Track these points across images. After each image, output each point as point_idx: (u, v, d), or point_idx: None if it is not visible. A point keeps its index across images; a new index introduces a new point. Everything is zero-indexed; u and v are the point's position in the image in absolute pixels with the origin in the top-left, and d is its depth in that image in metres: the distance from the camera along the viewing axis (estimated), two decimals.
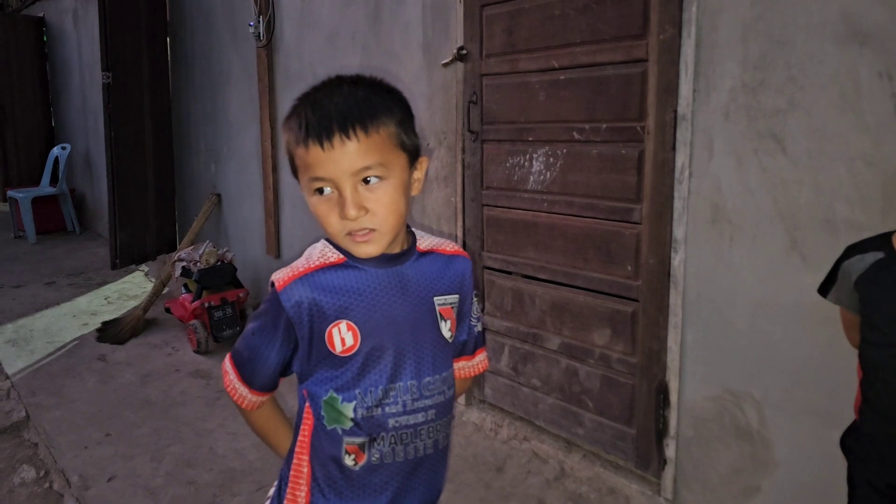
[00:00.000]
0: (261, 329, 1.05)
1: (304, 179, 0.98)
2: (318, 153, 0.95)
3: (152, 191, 4.86)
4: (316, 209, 0.99)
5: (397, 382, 1.05)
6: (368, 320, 1.02)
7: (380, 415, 1.04)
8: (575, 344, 2.44)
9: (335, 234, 0.99)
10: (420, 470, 1.10)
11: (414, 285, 1.07)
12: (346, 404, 1.03)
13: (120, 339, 4.06)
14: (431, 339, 1.09)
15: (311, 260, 1.04)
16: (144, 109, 4.73)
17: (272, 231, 4.01)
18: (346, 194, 0.96)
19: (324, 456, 1.06)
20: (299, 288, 1.01)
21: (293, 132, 0.98)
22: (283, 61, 3.76)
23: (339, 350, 1.02)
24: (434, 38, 2.79)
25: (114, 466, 2.71)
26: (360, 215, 0.96)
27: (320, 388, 1.04)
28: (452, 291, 1.12)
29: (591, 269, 2.35)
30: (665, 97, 2.05)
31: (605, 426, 2.37)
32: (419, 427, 1.07)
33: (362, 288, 1.03)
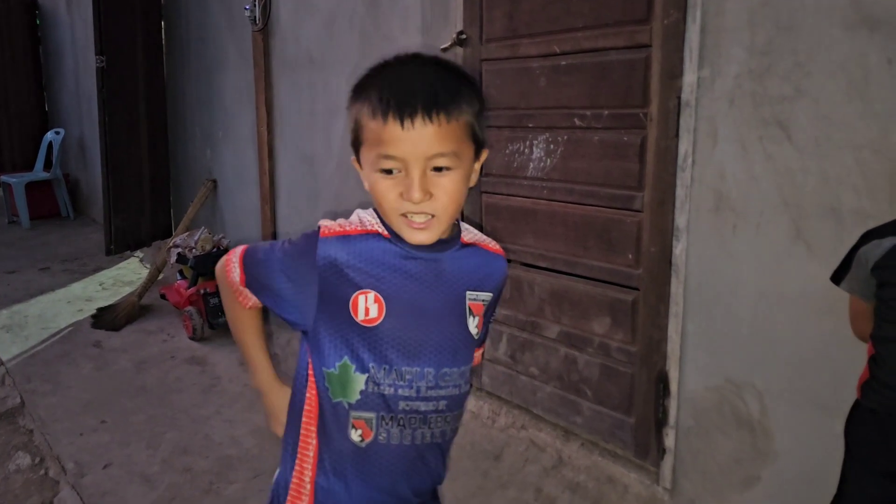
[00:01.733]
0: (284, 250, 1.04)
1: (371, 154, 0.96)
2: (395, 131, 0.92)
3: (147, 176, 4.81)
4: (375, 184, 0.97)
5: (414, 367, 1.03)
6: (397, 298, 1.01)
7: (391, 395, 1.03)
8: (574, 332, 2.42)
9: (389, 211, 0.97)
10: (424, 458, 1.09)
11: (449, 275, 1.06)
12: (359, 375, 1.01)
13: (115, 326, 4.03)
14: (457, 332, 1.08)
15: (363, 224, 1.02)
16: (139, 94, 4.68)
17: (268, 217, 3.98)
18: (415, 176, 0.94)
19: (330, 429, 1.05)
20: (338, 245, 0.99)
21: (370, 102, 0.95)
22: (280, 46, 3.72)
23: (362, 318, 1.00)
24: (433, 22, 2.75)
25: (109, 453, 2.70)
26: (424, 199, 0.95)
27: (333, 353, 1.02)
28: (487, 289, 1.12)
29: (592, 257, 2.33)
30: (669, 83, 2.02)
31: (604, 415, 2.36)
32: (429, 415, 1.06)
33: (399, 266, 1.01)
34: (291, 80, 3.67)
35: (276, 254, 1.04)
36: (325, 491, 1.06)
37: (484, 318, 1.13)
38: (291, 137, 3.75)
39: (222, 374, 3.40)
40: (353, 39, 3.16)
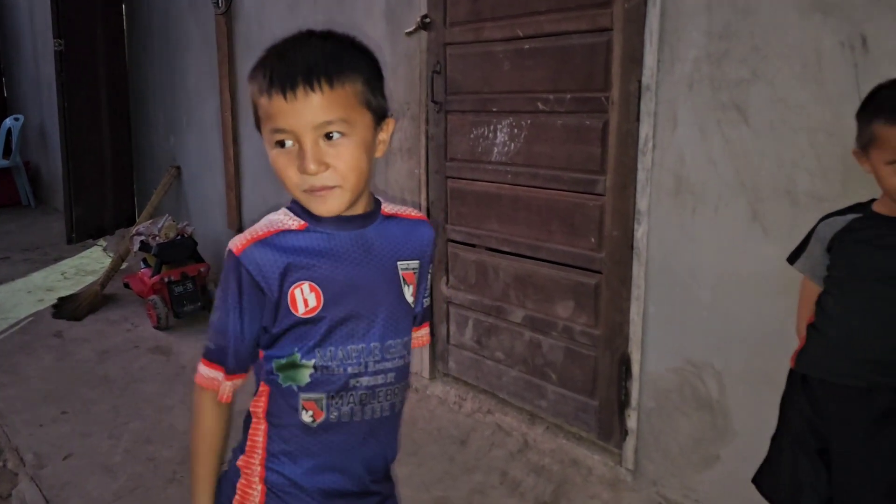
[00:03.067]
0: (224, 303, 1.01)
1: (266, 131, 0.96)
2: (281, 104, 0.92)
3: (109, 163, 4.72)
4: (276, 162, 0.97)
5: (360, 344, 1.04)
6: (332, 282, 1.01)
7: (340, 374, 1.03)
8: (538, 316, 2.43)
9: (293, 188, 0.97)
10: (376, 433, 1.09)
11: (378, 249, 1.07)
12: (307, 361, 1.02)
13: (77, 316, 3.96)
14: (395, 303, 1.08)
15: (271, 225, 1.02)
16: (99, 78, 4.58)
17: (234, 204, 3.93)
18: (307, 148, 0.94)
19: (280, 416, 1.04)
20: (259, 249, 0.98)
21: (258, 81, 0.95)
22: (243, 29, 3.66)
23: (302, 311, 1.00)
24: (397, 6, 2.73)
25: (70, 444, 2.65)
26: (319, 170, 0.94)
27: (281, 347, 1.02)
28: (414, 257, 1.12)
29: (555, 241, 2.34)
30: (630, 67, 2.03)
31: (568, 398, 2.38)
32: (378, 389, 1.07)
33: (325, 250, 1.01)
34: None
35: (220, 321, 1.01)
36: (276, 474, 1.05)
37: (418, 286, 1.14)
38: None
39: (187, 364, 3.35)
40: (316, 23, 3.11)
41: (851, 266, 1.42)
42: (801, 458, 1.50)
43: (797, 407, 1.53)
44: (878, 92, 1.38)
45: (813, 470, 1.48)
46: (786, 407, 1.60)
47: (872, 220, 1.40)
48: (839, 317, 1.44)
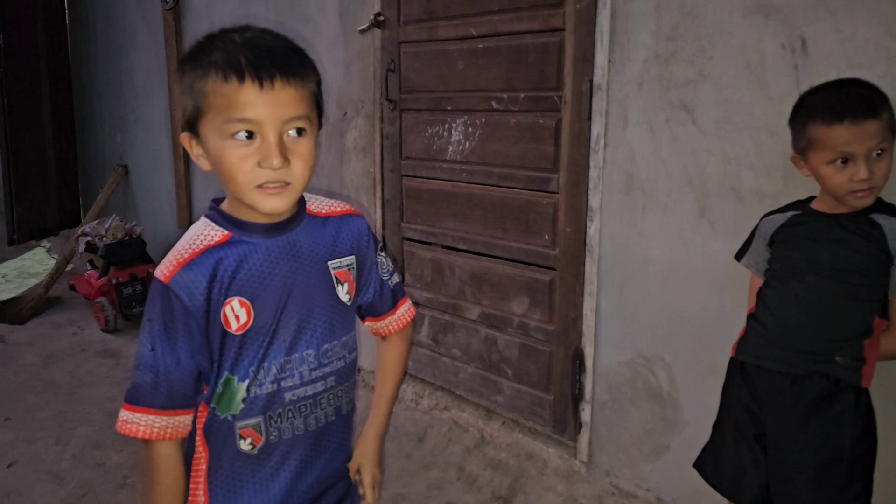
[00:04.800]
0: (157, 337, 0.95)
1: (219, 121, 0.90)
2: (253, 92, 0.88)
3: (52, 162, 4.58)
4: (225, 156, 0.91)
5: (293, 354, 1.01)
6: (261, 294, 0.98)
7: (275, 390, 1.00)
8: (494, 313, 2.45)
9: (244, 184, 0.91)
10: (324, 439, 1.07)
11: (306, 251, 1.03)
12: (241, 384, 0.98)
13: (20, 319, 3.84)
14: (328, 305, 1.05)
15: (194, 244, 0.97)
16: (41, 74, 4.43)
17: (184, 203, 3.86)
18: (273, 141, 0.90)
19: (219, 449, 1.02)
20: (187, 274, 0.94)
21: (216, 66, 0.88)
22: (192, 25, 3.59)
23: (235, 328, 0.97)
24: (350, 3, 2.72)
25: (14, 451, 2.57)
26: (282, 166, 0.90)
27: (218, 376, 0.99)
28: (348, 253, 1.09)
29: (510, 238, 2.36)
30: (581, 67, 2.07)
31: (524, 393, 2.41)
32: (318, 396, 1.04)
33: (252, 261, 0.98)
34: None
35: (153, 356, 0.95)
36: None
37: (359, 280, 1.11)
38: None
39: None
40: (268, 20, 3.08)
41: (789, 259, 1.49)
42: (741, 443, 1.56)
43: (736, 394, 1.59)
44: (805, 98, 1.46)
45: (751, 454, 1.55)
46: (726, 394, 1.66)
47: (811, 217, 1.48)
48: (776, 307, 1.50)
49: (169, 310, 0.94)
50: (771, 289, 1.53)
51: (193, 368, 0.98)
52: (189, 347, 0.96)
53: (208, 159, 0.95)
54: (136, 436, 0.96)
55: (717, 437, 1.67)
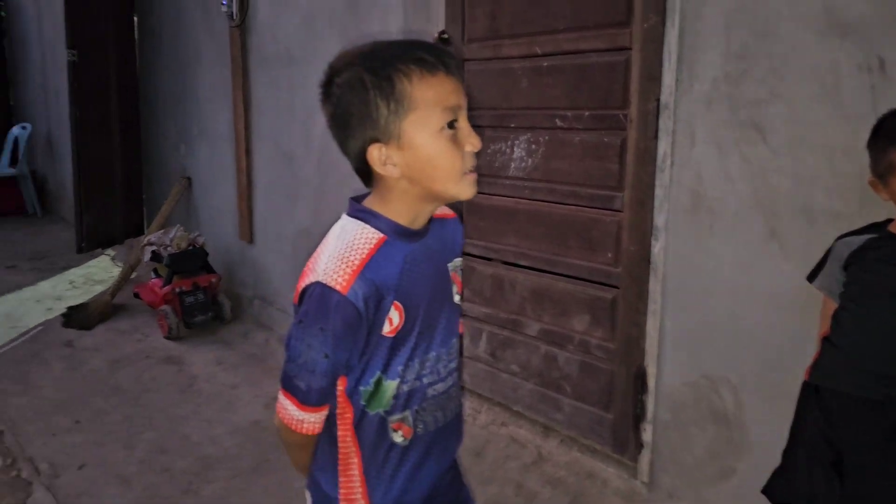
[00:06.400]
0: (331, 345, 0.98)
1: (434, 113, 0.96)
2: (454, 81, 0.97)
3: (119, 173, 4.75)
4: (440, 147, 0.97)
5: (431, 353, 1.07)
6: (409, 296, 1.02)
7: (419, 386, 1.06)
8: (554, 330, 2.45)
9: (455, 172, 0.98)
10: (451, 429, 1.16)
11: (435, 252, 1.09)
12: (390, 382, 1.04)
13: (87, 325, 3.97)
14: (450, 304, 1.12)
15: (357, 249, 0.99)
16: (111, 89, 4.61)
17: (245, 215, 3.96)
18: (468, 126, 0.98)
19: (372, 443, 1.07)
20: (360, 283, 0.96)
21: (414, 63, 0.94)
22: (258, 42, 3.70)
23: (387, 331, 1.01)
24: (414, 22, 2.77)
25: (84, 454, 2.66)
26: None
27: (368, 371, 1.03)
28: (457, 255, 1.16)
29: (572, 256, 2.36)
30: (648, 85, 2.07)
31: (583, 411, 2.40)
32: (450, 390, 1.12)
33: (403, 264, 1.02)
34: (269, 77, 3.65)
35: (326, 362, 0.99)
36: (380, 498, 1.08)
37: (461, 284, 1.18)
38: (269, 134, 3.73)
39: (199, 374, 3.37)
40: (332, 38, 3.16)
41: (866, 283, 1.46)
42: (816, 469, 1.53)
43: (811, 418, 1.56)
44: (885, 122, 1.43)
45: (827, 480, 1.51)
46: (799, 418, 1.63)
47: (888, 240, 1.45)
48: (853, 331, 1.48)
49: (344, 319, 0.96)
50: (846, 312, 1.50)
51: (345, 370, 1.03)
52: (352, 352, 1.01)
53: (407, 160, 0.98)
54: (305, 433, 1.05)
55: (789, 463, 1.63)
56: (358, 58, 0.99)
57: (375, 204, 1.04)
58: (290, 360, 1.02)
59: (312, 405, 1.03)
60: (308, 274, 1.01)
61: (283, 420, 1.06)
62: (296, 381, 1.01)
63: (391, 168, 0.99)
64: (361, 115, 0.97)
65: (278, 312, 3.84)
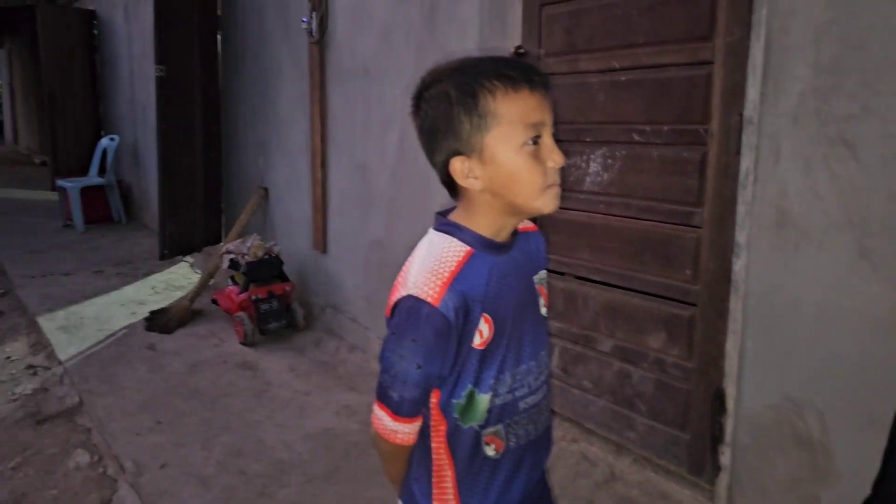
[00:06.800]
0: (423, 356, 1.00)
1: (516, 130, 0.98)
2: (538, 97, 0.99)
3: (201, 184, 4.93)
4: (521, 163, 0.99)
5: (521, 365, 1.08)
6: (499, 308, 1.04)
7: (511, 400, 1.07)
8: (628, 347, 2.42)
9: (537, 187, 1.00)
10: (542, 442, 1.16)
11: (522, 265, 1.11)
12: (483, 396, 1.05)
13: (168, 329, 4.14)
14: (537, 318, 1.13)
15: (446, 262, 1.02)
16: (195, 103, 4.80)
17: (320, 226, 4.05)
18: (552, 141, 1.00)
19: (466, 456, 1.08)
20: (451, 295, 0.99)
21: (499, 80, 0.97)
22: (335, 57, 3.79)
23: (477, 343, 1.03)
24: (491, 37, 2.79)
25: (165, 454, 2.76)
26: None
27: (460, 384, 1.05)
28: (541, 267, 1.17)
29: (648, 272, 2.33)
30: (730, 100, 2.03)
31: (658, 430, 2.35)
32: (541, 403, 1.13)
33: (490, 276, 1.04)
34: (346, 91, 3.73)
35: (419, 373, 1.01)
36: None
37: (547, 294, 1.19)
38: (344, 147, 3.81)
39: (273, 380, 3.46)
40: (409, 52, 3.21)
41: None
42: None
43: None
44: None
45: None
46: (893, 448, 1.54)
47: None
48: None
49: (435, 330, 0.99)
50: None
51: (437, 381, 1.05)
52: (443, 363, 1.02)
53: (489, 174, 1.01)
54: (399, 444, 1.08)
55: (880, 494, 1.56)
56: (446, 73, 1.02)
57: (461, 217, 1.07)
58: (383, 371, 1.05)
59: (405, 416, 1.05)
60: (399, 287, 1.04)
61: (378, 430, 1.09)
62: (389, 391, 1.04)
63: (473, 181, 1.01)
64: (446, 129, 1.00)
65: (349, 321, 3.91)
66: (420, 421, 1.08)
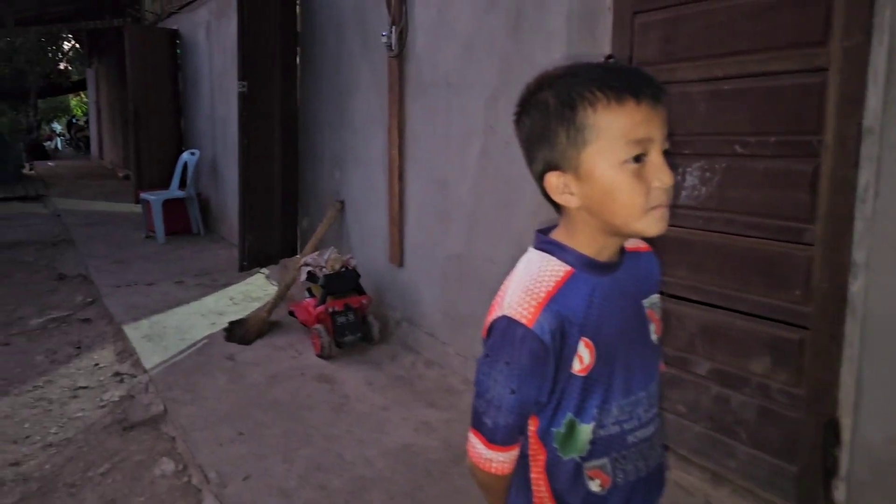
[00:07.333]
0: (517, 379, 0.95)
1: (612, 146, 0.90)
2: (646, 110, 0.90)
3: (278, 197, 5.00)
4: (621, 181, 0.91)
5: (630, 396, 1.00)
6: (600, 333, 0.97)
7: (618, 432, 1.00)
8: (728, 370, 2.29)
9: (638, 208, 0.92)
10: (654, 480, 1.08)
11: (629, 288, 1.03)
12: (585, 426, 0.98)
13: (246, 340, 4.18)
14: (648, 344, 1.05)
15: (543, 282, 0.97)
16: (274, 118, 4.88)
17: (396, 239, 4.03)
18: (662, 159, 0.92)
19: (567, 489, 1.01)
20: (546, 316, 0.94)
21: (605, 89, 0.90)
22: (415, 70, 3.78)
23: (577, 369, 0.96)
24: (579, 46, 2.72)
25: (248, 465, 2.76)
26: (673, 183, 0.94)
27: (559, 412, 0.99)
28: (653, 291, 1.09)
29: (752, 291, 2.20)
30: (848, 109, 1.89)
31: (761, 460, 2.21)
32: (652, 437, 1.04)
33: (595, 300, 0.97)
34: (425, 104, 3.71)
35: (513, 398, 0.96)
36: None
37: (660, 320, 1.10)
38: (423, 160, 3.79)
39: (350, 394, 3.44)
40: (492, 63, 3.16)
41: None
42: None
43: None
44: None
45: None
46: None
47: None
48: None
49: (530, 353, 0.94)
50: None
51: (535, 408, 0.99)
52: (539, 388, 0.97)
53: (585, 191, 0.94)
54: (494, 473, 1.02)
55: None
56: (550, 80, 0.96)
57: (561, 235, 1.01)
58: (477, 396, 1.00)
59: (500, 444, 1.00)
60: (495, 308, 0.99)
61: (473, 459, 1.03)
62: (483, 417, 0.99)
63: (569, 197, 0.95)
64: (542, 141, 0.95)
65: (426, 335, 3.87)
66: (516, 449, 1.02)
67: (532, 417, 1.01)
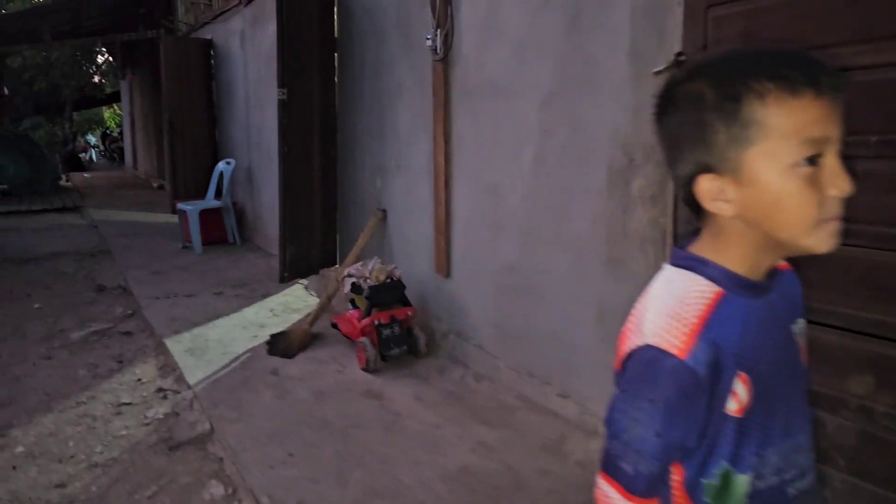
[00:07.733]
0: (664, 421, 0.81)
1: (789, 144, 0.77)
2: (825, 105, 0.76)
3: (318, 206, 4.90)
4: (791, 188, 0.78)
5: (790, 440, 0.86)
6: (755, 365, 0.83)
7: (778, 483, 0.85)
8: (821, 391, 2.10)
9: (808, 220, 0.79)
10: None
11: (781, 312, 0.89)
12: (742, 477, 0.83)
13: (289, 353, 4.08)
14: (802, 377, 0.92)
15: (691, 303, 0.83)
16: (313, 125, 4.79)
17: (442, 249, 3.89)
18: (839, 163, 0.78)
19: None
20: (703, 345, 0.80)
21: (785, 82, 0.76)
22: (461, 74, 3.65)
23: (733, 409, 0.82)
24: (645, 43, 2.56)
25: (301, 489, 2.64)
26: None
27: (711, 466, 0.84)
28: (798, 315, 0.95)
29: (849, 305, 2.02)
30: None
31: (861, 490, 2.01)
32: (814, 489, 0.90)
33: (747, 325, 0.83)
34: (472, 109, 3.58)
35: (660, 442, 0.82)
36: None
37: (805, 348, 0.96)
38: (470, 167, 3.65)
39: (401, 411, 3.31)
40: (546, 65, 3.01)
41: None
42: None
43: None
44: None
45: None
46: None
47: None
48: None
49: (680, 389, 0.80)
50: None
51: (679, 454, 0.85)
52: (688, 431, 0.82)
53: (744, 198, 0.81)
54: None
55: None
56: (704, 68, 0.82)
57: (706, 249, 0.87)
58: (612, 437, 0.85)
59: (640, 495, 0.85)
60: (630, 335, 0.85)
61: None
62: (620, 462, 0.84)
63: (723, 205, 0.82)
64: (694, 138, 0.82)
65: (475, 348, 3.72)
66: (657, 503, 0.87)
67: (675, 466, 0.86)
